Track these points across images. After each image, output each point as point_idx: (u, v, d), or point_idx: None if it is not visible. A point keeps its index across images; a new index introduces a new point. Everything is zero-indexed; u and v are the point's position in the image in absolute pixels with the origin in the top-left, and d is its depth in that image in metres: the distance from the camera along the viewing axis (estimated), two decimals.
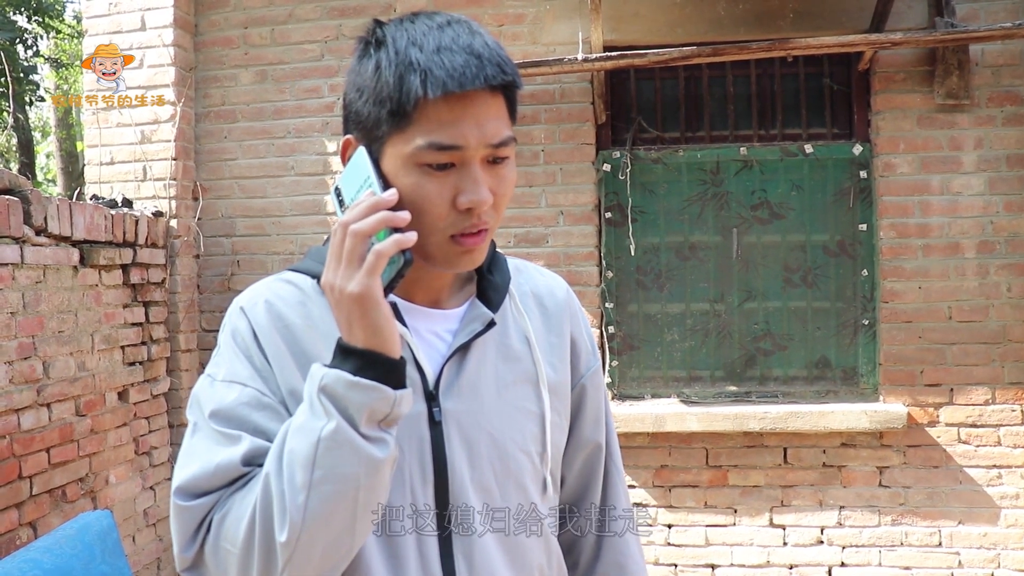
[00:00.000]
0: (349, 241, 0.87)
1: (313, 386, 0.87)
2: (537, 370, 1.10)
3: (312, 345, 0.98)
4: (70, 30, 11.95)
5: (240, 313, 1.01)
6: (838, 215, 3.72)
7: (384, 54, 0.93)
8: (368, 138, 0.95)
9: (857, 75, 3.72)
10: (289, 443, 0.86)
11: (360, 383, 0.85)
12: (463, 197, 0.93)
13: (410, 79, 0.90)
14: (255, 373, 0.97)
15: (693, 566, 3.74)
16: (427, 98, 0.89)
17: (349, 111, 0.98)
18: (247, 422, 0.93)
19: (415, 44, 0.91)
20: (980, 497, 3.59)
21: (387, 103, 0.91)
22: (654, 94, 3.89)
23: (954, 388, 3.60)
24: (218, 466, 0.90)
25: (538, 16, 3.82)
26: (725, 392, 3.79)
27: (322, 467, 0.85)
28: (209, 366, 1.01)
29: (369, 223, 0.87)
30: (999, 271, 3.57)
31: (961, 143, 3.59)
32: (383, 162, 0.94)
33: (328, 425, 0.85)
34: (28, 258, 2.92)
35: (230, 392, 0.95)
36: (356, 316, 0.87)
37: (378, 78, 0.92)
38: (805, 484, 3.68)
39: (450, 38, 0.92)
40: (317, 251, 1.07)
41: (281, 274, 1.07)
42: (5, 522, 2.78)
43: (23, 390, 2.89)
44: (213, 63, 4.04)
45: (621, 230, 3.81)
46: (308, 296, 1.02)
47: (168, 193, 3.88)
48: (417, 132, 0.91)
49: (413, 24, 0.95)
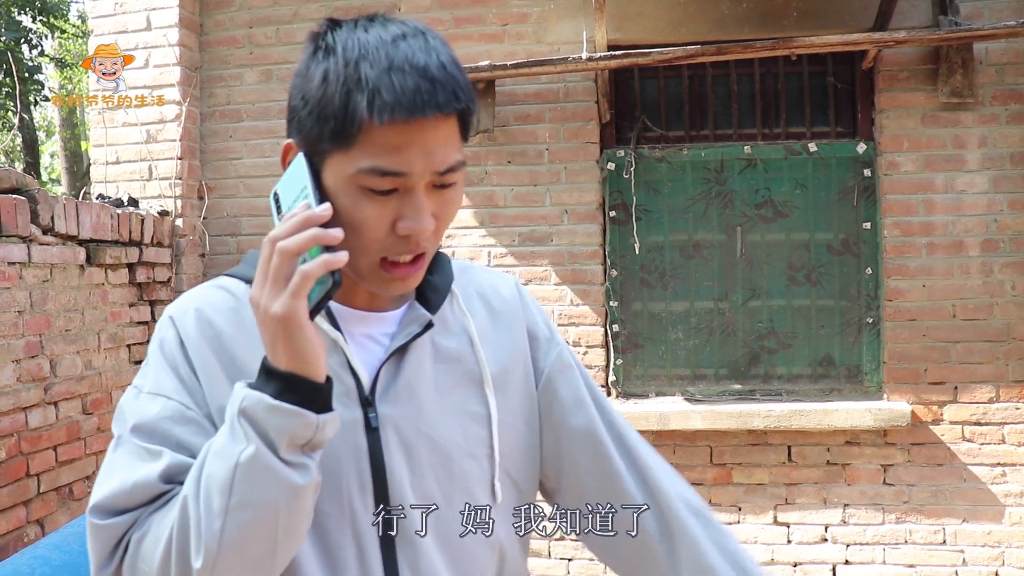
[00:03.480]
0: (276, 259, 0.82)
1: (233, 408, 0.83)
2: (481, 370, 1.05)
3: (244, 355, 0.94)
4: (75, 30, 11.97)
5: (169, 323, 0.97)
6: (842, 213, 3.73)
7: (332, 64, 0.86)
8: (309, 148, 0.90)
9: (861, 74, 3.72)
10: (208, 466, 0.83)
11: (280, 407, 0.81)
12: (403, 224, 0.89)
13: (356, 99, 0.84)
14: (180, 385, 0.93)
15: None
16: (373, 122, 0.84)
17: (292, 115, 0.92)
18: (169, 437, 0.89)
19: (366, 58, 0.85)
20: (984, 495, 3.59)
21: (331, 121, 0.86)
22: (658, 93, 3.90)
23: (958, 386, 3.61)
24: (136, 483, 0.86)
25: (542, 15, 3.83)
26: (729, 390, 3.79)
27: (239, 493, 0.81)
28: (136, 377, 0.97)
29: (298, 241, 0.82)
30: (1003, 269, 3.57)
31: (965, 141, 3.60)
32: (324, 175, 0.89)
33: (247, 450, 0.81)
34: (35, 257, 2.94)
35: (153, 405, 0.91)
36: (280, 338, 0.82)
37: (324, 91, 0.86)
38: (809, 482, 3.69)
39: (404, 55, 0.85)
40: (254, 256, 1.00)
41: (216, 280, 1.04)
42: (13, 519, 2.80)
43: (30, 388, 2.91)
44: (218, 63, 4.06)
45: (625, 229, 3.81)
46: (241, 303, 0.98)
47: (174, 192, 3.89)
48: (360, 154, 0.86)
49: (367, 32, 0.88)
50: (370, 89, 0.83)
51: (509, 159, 3.83)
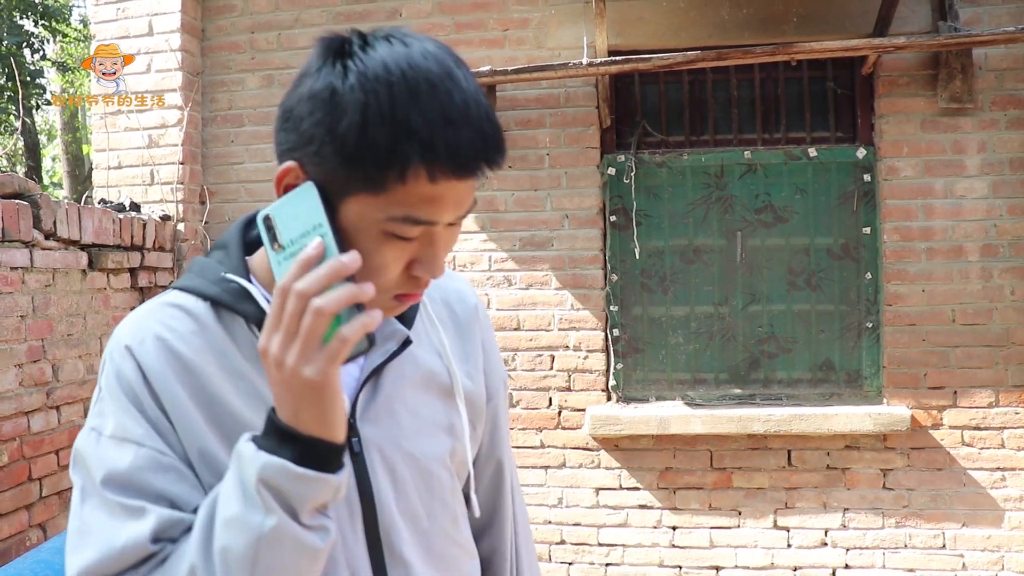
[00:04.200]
0: (310, 319, 0.74)
1: (250, 475, 0.76)
2: (453, 382, 1.03)
3: (216, 386, 0.87)
4: (77, 34, 12.00)
5: (125, 354, 0.87)
6: (842, 218, 3.73)
7: (373, 102, 0.77)
8: (324, 181, 0.80)
9: (861, 79, 3.73)
10: (222, 538, 0.77)
11: (306, 475, 0.76)
12: (420, 268, 0.85)
13: (406, 150, 0.76)
14: (150, 428, 0.84)
15: (697, 568, 3.75)
16: (417, 176, 0.78)
17: (305, 142, 0.81)
18: (148, 489, 0.82)
19: (416, 103, 0.77)
20: (984, 499, 3.60)
21: (368, 166, 0.77)
22: (658, 98, 3.91)
23: (958, 391, 3.61)
24: (124, 547, 0.80)
25: (543, 21, 3.84)
26: (729, 395, 3.80)
27: (263, 565, 0.76)
28: (91, 417, 0.87)
29: (336, 301, 0.74)
30: (1002, 274, 3.58)
31: (964, 147, 3.61)
32: (340, 213, 0.81)
33: (268, 521, 0.76)
34: (37, 262, 2.95)
35: (122, 453, 0.83)
36: (308, 402, 0.76)
37: (363, 133, 0.77)
38: (809, 486, 3.69)
39: (456, 104, 0.78)
40: (203, 265, 0.94)
41: (165, 296, 0.93)
42: (15, 523, 2.81)
43: (33, 393, 2.92)
44: (220, 68, 4.07)
45: (626, 233, 3.82)
46: (204, 324, 0.89)
47: (175, 197, 3.90)
48: (393, 202, 0.79)
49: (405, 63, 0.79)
50: (423, 142, 0.76)
51: (510, 164, 3.84)
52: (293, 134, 0.82)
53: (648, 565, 3.77)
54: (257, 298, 0.89)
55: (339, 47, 0.81)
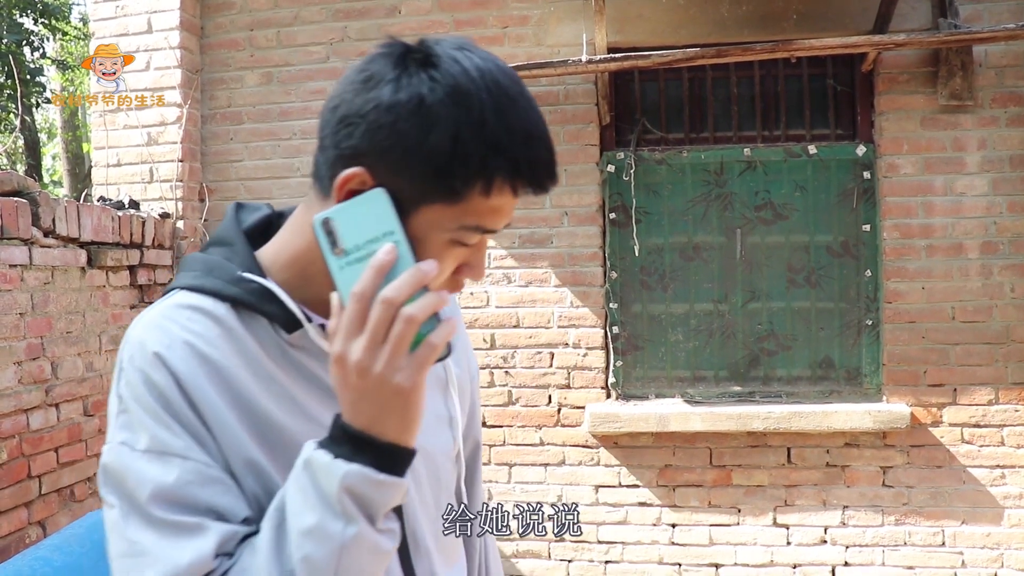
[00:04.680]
0: (401, 326, 0.74)
1: (330, 484, 0.76)
2: (447, 374, 1.06)
3: (246, 387, 0.85)
4: (76, 32, 12.00)
5: (155, 361, 0.83)
6: (842, 216, 3.73)
7: (465, 117, 0.78)
8: (398, 189, 0.80)
9: (861, 76, 3.73)
10: (303, 548, 0.76)
11: (387, 482, 0.77)
12: (468, 272, 0.87)
13: (493, 166, 0.79)
14: (190, 440, 0.81)
15: (697, 565, 3.75)
16: (501, 190, 0.80)
17: (371, 145, 0.80)
18: (198, 504, 0.80)
19: (502, 121, 0.79)
20: (983, 497, 3.60)
21: (454, 178, 0.79)
22: (658, 95, 3.90)
23: (957, 388, 3.61)
24: (190, 566, 0.77)
25: (542, 18, 3.83)
26: (729, 392, 3.80)
27: (344, 572, 0.77)
28: (117, 430, 0.83)
29: (424, 309, 0.75)
30: (1002, 272, 3.58)
31: (964, 144, 3.60)
32: (410, 220, 0.81)
33: (350, 530, 0.76)
34: (36, 259, 2.95)
35: (166, 468, 0.80)
36: (394, 409, 0.76)
37: (455, 148, 0.78)
38: (809, 484, 3.69)
39: (532, 123, 0.82)
40: (210, 264, 0.92)
41: (174, 298, 0.89)
42: (15, 521, 2.81)
43: (32, 390, 2.92)
44: (219, 65, 4.07)
45: (625, 231, 3.82)
46: (227, 328, 0.87)
47: (175, 194, 3.90)
48: (467, 212, 0.81)
49: (488, 82, 0.80)
50: (509, 158, 0.79)
51: None
52: (363, 140, 0.80)
53: (647, 562, 3.77)
54: (283, 299, 0.88)
55: (417, 56, 0.81)
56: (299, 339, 0.90)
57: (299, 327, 0.89)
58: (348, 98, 0.82)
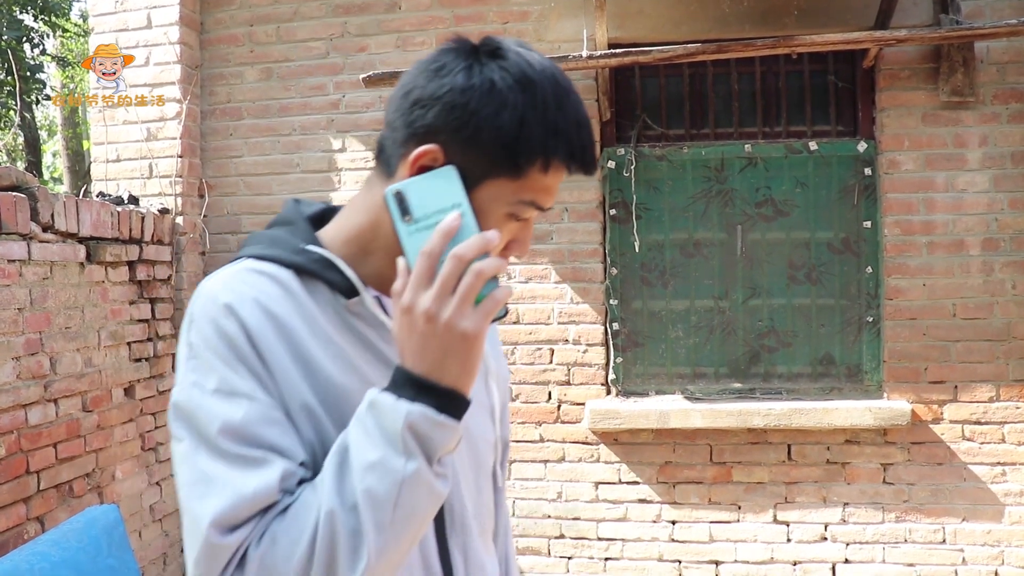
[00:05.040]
0: (470, 278, 0.82)
1: (394, 422, 0.82)
2: (486, 363, 1.13)
3: (307, 344, 0.92)
4: (76, 29, 11.99)
5: (227, 312, 0.90)
6: (842, 212, 3.72)
7: (530, 101, 0.89)
8: (461, 162, 0.89)
9: (862, 72, 3.72)
10: (365, 481, 0.82)
11: (446, 423, 0.83)
12: (517, 247, 0.98)
13: (551, 145, 0.90)
14: (256, 384, 0.88)
15: (697, 562, 3.74)
16: (558, 168, 0.92)
17: (444, 124, 0.90)
18: (263, 441, 0.86)
19: (561, 109, 0.91)
20: (984, 494, 3.59)
21: (519, 155, 0.89)
22: (658, 91, 3.90)
23: (958, 385, 3.60)
24: (255, 494, 0.83)
25: (543, 14, 3.83)
26: (729, 389, 3.79)
27: (403, 507, 0.82)
28: (187, 373, 0.90)
29: (492, 266, 0.83)
30: (1004, 268, 3.57)
31: (966, 140, 3.59)
32: (474, 194, 0.90)
33: (410, 465, 0.82)
34: (35, 254, 2.94)
35: (234, 407, 0.86)
36: (458, 353, 0.83)
37: (520, 129, 0.88)
38: (809, 481, 3.69)
39: (584, 113, 0.94)
40: (274, 238, 1.01)
41: (243, 263, 0.97)
42: (13, 516, 2.80)
43: (30, 386, 2.91)
44: (219, 61, 4.06)
45: (625, 227, 3.81)
46: (290, 291, 0.95)
47: (174, 190, 3.89)
48: (525, 188, 0.92)
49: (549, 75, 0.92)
50: (566, 141, 0.90)
51: None
52: (438, 119, 0.89)
53: (648, 559, 3.77)
54: (342, 268, 0.97)
55: (486, 49, 0.92)
56: (356, 306, 0.97)
57: (356, 295, 0.97)
58: (421, 83, 0.92)
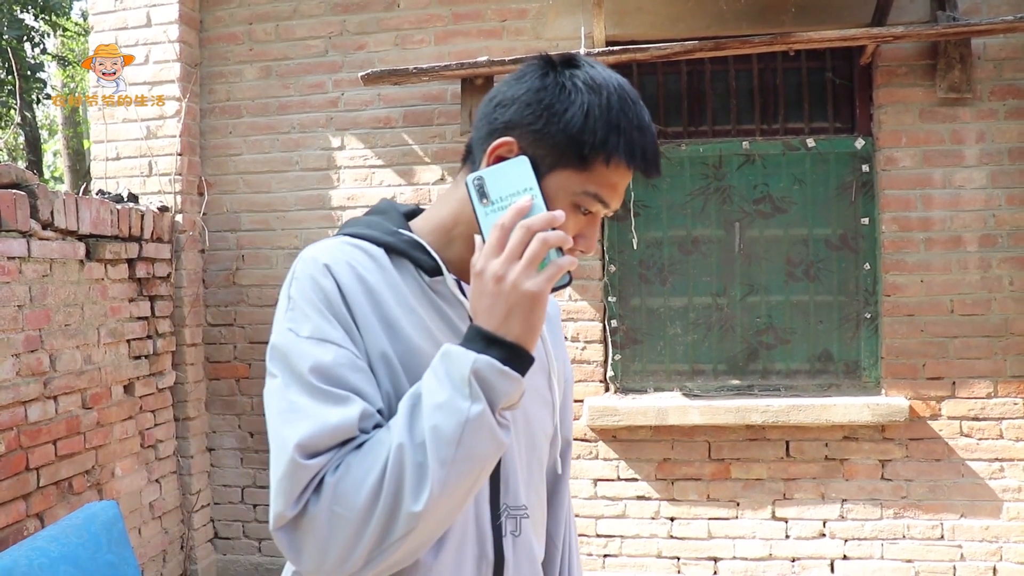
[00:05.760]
0: (536, 245, 0.92)
1: (461, 368, 0.90)
2: (549, 362, 1.20)
3: (392, 309, 1.03)
4: (77, 28, 12.00)
5: (324, 271, 1.01)
6: (840, 209, 3.73)
7: (596, 100, 1.00)
8: (534, 153, 1.00)
9: (859, 69, 3.72)
10: (432, 418, 0.90)
11: (508, 372, 0.91)
12: (583, 242, 1.05)
13: (614, 140, 0.99)
14: (344, 334, 0.98)
15: (696, 559, 3.75)
16: (621, 163, 1.00)
17: (520, 119, 1.02)
18: (347, 383, 0.95)
19: (624, 111, 1.01)
20: (982, 490, 3.60)
21: (584, 146, 0.99)
22: (657, 88, 3.90)
23: (956, 381, 3.61)
24: (336, 426, 0.92)
25: (541, 11, 3.83)
26: (727, 385, 3.80)
27: (465, 446, 0.89)
28: (284, 321, 1.00)
29: (555, 237, 0.92)
30: (1001, 264, 3.58)
31: (963, 137, 3.60)
32: (544, 182, 1.00)
33: (475, 407, 0.90)
34: (35, 252, 2.95)
35: (324, 350, 0.96)
36: (522, 311, 0.92)
37: (586, 123, 0.99)
38: (807, 477, 3.69)
39: (645, 119, 1.03)
40: (369, 223, 1.11)
41: (342, 239, 1.08)
42: (13, 513, 2.81)
43: (30, 382, 2.92)
44: (218, 59, 4.07)
45: (624, 224, 3.82)
46: (380, 264, 1.05)
47: (173, 188, 3.90)
48: (590, 180, 1.00)
49: (610, 81, 1.02)
50: (626, 139, 1.00)
51: None
52: (515, 115, 1.02)
53: (646, 556, 3.78)
54: (429, 249, 1.07)
55: (562, 60, 1.04)
56: (437, 284, 1.07)
57: (440, 274, 1.07)
58: (503, 90, 1.05)
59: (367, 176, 3.96)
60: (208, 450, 4.09)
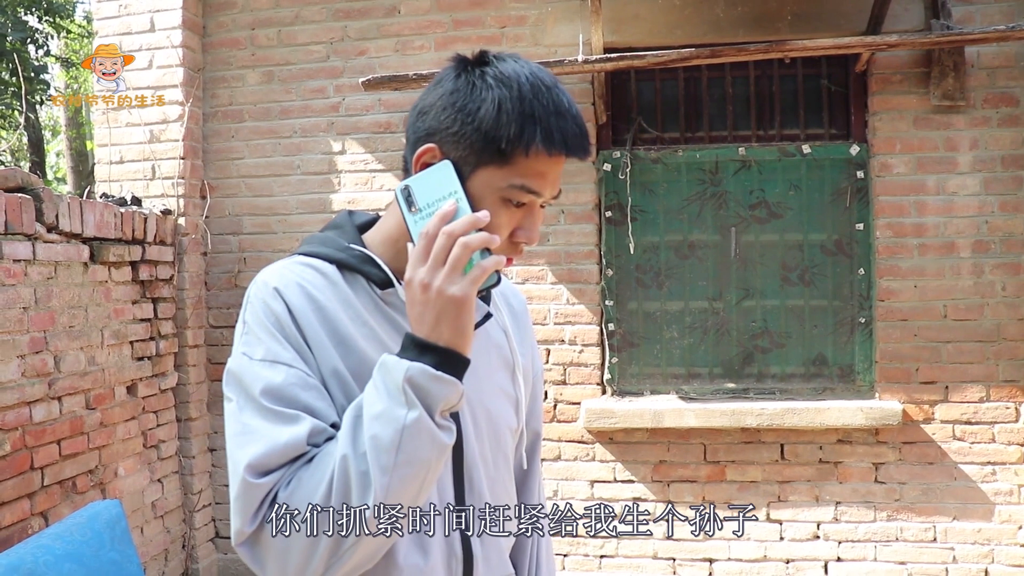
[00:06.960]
0: (458, 250, 0.94)
1: (396, 377, 0.93)
2: (514, 358, 1.24)
3: (344, 326, 1.05)
4: (80, 30, 12.05)
5: (275, 294, 1.05)
6: (835, 215, 3.77)
7: (507, 93, 1.00)
8: (458, 157, 1.02)
9: (854, 76, 3.76)
10: (371, 429, 0.93)
11: (442, 377, 0.93)
12: (522, 234, 1.06)
13: (530, 130, 0.99)
14: (296, 354, 1.01)
15: (691, 560, 3.79)
16: (540, 152, 1.00)
17: (439, 124, 1.03)
18: (298, 402, 0.98)
19: (538, 99, 1.01)
20: (975, 493, 3.63)
21: (500, 141, 1.00)
22: (654, 95, 3.94)
23: (949, 386, 3.65)
24: (286, 444, 0.95)
25: (540, 18, 3.88)
26: (723, 389, 3.84)
27: (404, 452, 0.92)
28: (240, 345, 1.04)
29: (478, 239, 0.94)
30: (994, 270, 3.62)
31: (957, 144, 3.64)
32: (469, 182, 1.01)
33: (411, 414, 0.92)
34: (40, 255, 2.99)
35: (275, 372, 0.99)
36: (449, 316, 0.94)
37: (499, 118, 1.00)
38: (802, 480, 3.73)
39: (564, 104, 1.03)
40: (323, 239, 1.14)
41: (293, 258, 1.12)
42: (17, 512, 2.86)
43: (35, 383, 2.97)
44: (221, 64, 4.12)
45: (621, 229, 3.86)
46: (332, 281, 1.08)
47: (176, 191, 3.95)
48: (513, 173, 1.01)
49: (525, 72, 1.03)
50: (542, 127, 1.00)
51: None
52: (433, 122, 1.04)
53: (642, 557, 3.81)
54: (379, 263, 1.10)
55: (474, 60, 1.05)
56: (389, 295, 1.10)
57: (391, 286, 1.10)
58: (423, 97, 1.07)
59: (368, 180, 4.01)
60: (210, 450, 4.13)
